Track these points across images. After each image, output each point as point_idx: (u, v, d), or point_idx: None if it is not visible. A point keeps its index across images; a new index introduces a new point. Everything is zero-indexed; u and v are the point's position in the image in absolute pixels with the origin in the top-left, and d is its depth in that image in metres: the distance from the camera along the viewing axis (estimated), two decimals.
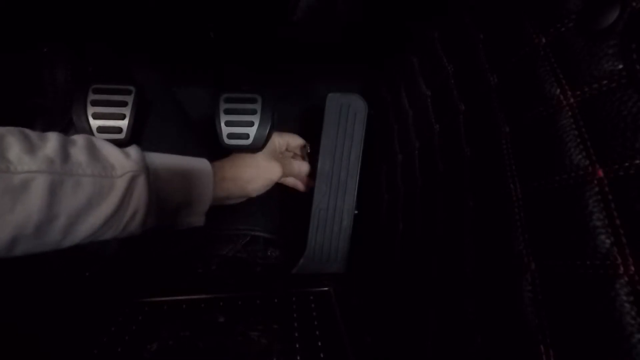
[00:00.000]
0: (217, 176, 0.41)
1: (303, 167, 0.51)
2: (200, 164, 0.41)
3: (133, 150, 0.35)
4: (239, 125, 0.44)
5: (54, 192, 0.27)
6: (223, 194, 0.42)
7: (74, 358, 0.37)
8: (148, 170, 0.34)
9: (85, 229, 0.30)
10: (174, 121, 0.58)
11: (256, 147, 0.44)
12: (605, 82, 0.19)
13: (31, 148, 0.27)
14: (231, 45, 0.58)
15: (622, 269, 0.17)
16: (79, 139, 0.32)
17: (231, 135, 0.44)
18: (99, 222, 0.30)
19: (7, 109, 0.46)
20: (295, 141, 0.51)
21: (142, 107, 0.47)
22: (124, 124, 0.44)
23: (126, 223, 0.33)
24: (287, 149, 0.51)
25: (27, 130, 0.29)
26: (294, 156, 0.53)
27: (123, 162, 0.32)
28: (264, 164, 0.45)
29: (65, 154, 0.29)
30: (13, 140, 0.27)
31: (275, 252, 0.55)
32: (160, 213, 0.36)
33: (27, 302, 0.42)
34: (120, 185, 0.31)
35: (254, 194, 0.46)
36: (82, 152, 0.30)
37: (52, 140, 0.29)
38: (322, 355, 0.38)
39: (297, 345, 0.39)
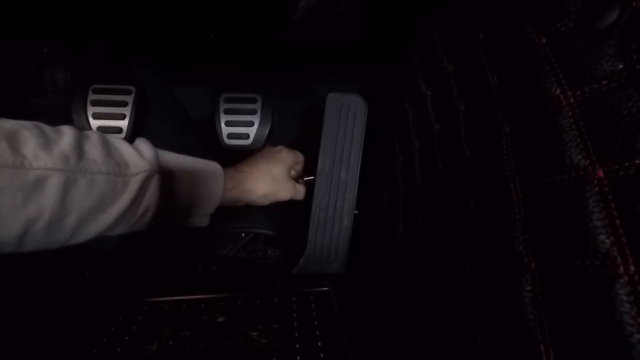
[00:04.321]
0: (231, 184, 0.41)
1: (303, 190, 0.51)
2: (212, 167, 0.41)
3: (146, 148, 0.34)
4: (239, 125, 0.44)
5: (67, 190, 0.27)
6: (233, 199, 0.43)
7: (74, 358, 0.37)
8: (162, 170, 0.34)
9: (96, 226, 0.30)
10: (174, 121, 0.58)
11: (256, 147, 0.44)
12: (605, 82, 0.19)
13: (46, 143, 0.27)
14: (231, 46, 0.58)
15: (622, 269, 0.17)
16: (93, 134, 0.32)
17: (231, 135, 0.44)
18: (110, 219, 0.30)
19: (7, 109, 0.46)
20: (299, 157, 0.51)
21: (142, 107, 0.47)
22: (124, 124, 0.44)
23: (136, 220, 0.33)
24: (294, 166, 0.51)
25: (43, 125, 0.29)
26: (301, 175, 0.53)
27: (137, 160, 0.32)
28: (281, 182, 0.46)
29: (80, 151, 0.29)
30: (29, 135, 0.26)
31: (276, 251, 0.55)
32: (167, 212, 0.36)
33: (27, 302, 0.42)
34: (134, 184, 0.31)
35: (261, 205, 0.46)
36: (96, 149, 0.30)
37: (67, 135, 0.29)
38: (322, 355, 0.38)
39: (297, 345, 0.39)
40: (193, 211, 0.39)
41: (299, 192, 0.49)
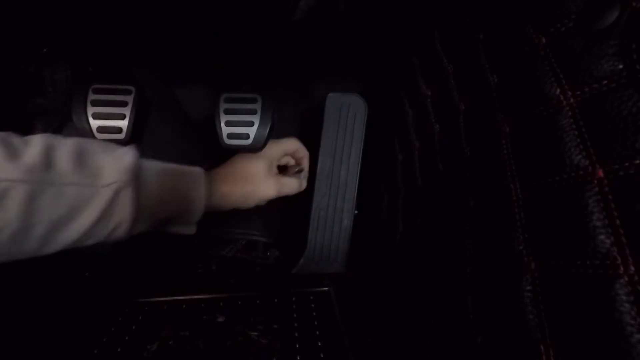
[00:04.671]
0: (209, 190, 0.40)
1: (304, 183, 0.48)
2: (193, 174, 0.39)
3: (127, 156, 0.33)
4: (239, 125, 0.44)
5: (32, 201, 0.27)
6: (214, 205, 0.41)
7: (74, 358, 0.37)
8: (137, 181, 0.32)
9: (65, 237, 0.29)
10: (174, 121, 0.59)
11: (256, 147, 0.44)
12: (605, 82, 0.19)
13: (13, 155, 0.27)
14: (231, 46, 0.58)
15: (622, 269, 0.17)
16: (68, 142, 0.31)
17: (231, 135, 0.44)
18: (80, 231, 0.30)
19: (7, 109, 0.46)
20: (292, 145, 0.48)
21: (142, 107, 0.47)
22: (124, 124, 0.44)
23: (110, 232, 0.32)
24: (286, 155, 0.48)
25: (12, 135, 0.29)
26: (293, 167, 0.50)
27: (111, 170, 0.31)
28: (259, 179, 0.43)
29: (48, 161, 0.28)
30: None
31: (275, 252, 0.55)
32: (148, 222, 0.35)
33: (27, 302, 0.42)
34: (104, 195, 0.30)
35: (246, 208, 0.43)
36: (67, 158, 0.30)
37: (36, 146, 0.29)
38: (322, 355, 0.38)
39: (297, 345, 0.39)
40: (177, 220, 0.38)
41: (286, 185, 0.45)
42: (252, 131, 0.44)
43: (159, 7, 0.48)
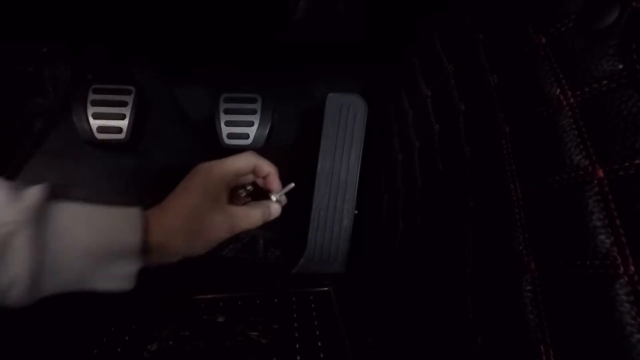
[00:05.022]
0: (147, 235, 0.30)
1: (273, 209, 0.37)
2: (125, 216, 0.29)
3: (31, 194, 0.26)
4: (239, 125, 0.44)
5: None
6: (153, 260, 0.32)
7: (74, 358, 0.37)
8: (41, 224, 0.25)
9: None
10: (174, 121, 0.59)
11: (256, 148, 0.44)
12: (605, 82, 0.19)
13: None
14: (231, 46, 0.58)
15: (622, 269, 0.17)
16: None
17: (231, 135, 0.44)
18: None
19: (7, 109, 0.46)
20: (246, 161, 0.35)
21: (142, 107, 0.47)
22: (124, 124, 0.44)
23: (4, 291, 0.24)
24: (240, 176, 0.36)
25: None
26: (241, 192, 0.38)
27: (5, 209, 0.24)
28: (203, 220, 0.32)
29: None
30: None
31: (275, 252, 0.55)
32: (61, 277, 0.27)
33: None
34: None
35: (196, 255, 0.34)
36: None
37: None
38: (322, 355, 0.38)
39: (297, 345, 0.39)
40: (105, 275, 0.29)
41: (242, 218, 0.34)
42: (252, 131, 0.44)
43: (159, 7, 0.48)
